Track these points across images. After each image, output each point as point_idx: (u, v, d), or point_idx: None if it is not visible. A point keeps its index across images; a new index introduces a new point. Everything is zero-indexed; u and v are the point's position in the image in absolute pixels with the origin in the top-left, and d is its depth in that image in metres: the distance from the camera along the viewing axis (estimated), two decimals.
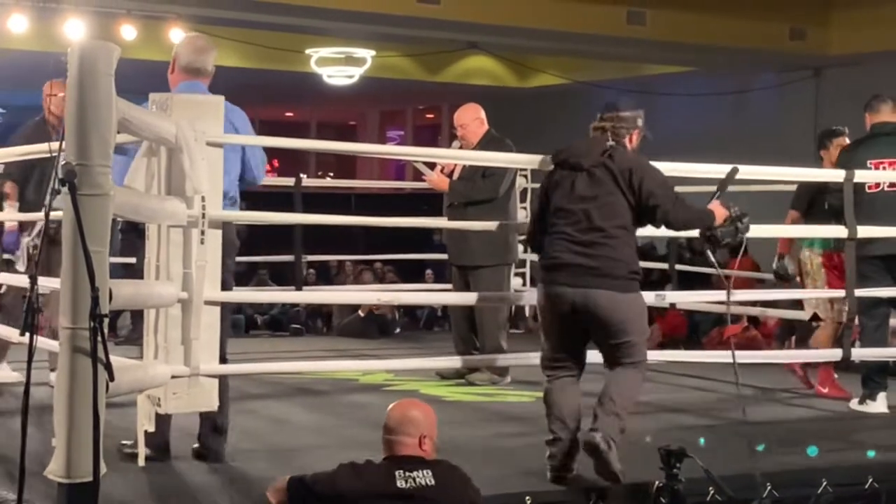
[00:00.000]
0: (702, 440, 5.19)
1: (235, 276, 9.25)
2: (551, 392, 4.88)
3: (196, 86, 4.95)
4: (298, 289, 8.65)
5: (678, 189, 8.60)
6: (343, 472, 3.77)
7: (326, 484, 3.75)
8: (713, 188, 8.57)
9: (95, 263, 3.55)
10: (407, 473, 3.72)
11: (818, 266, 6.86)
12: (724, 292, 6.40)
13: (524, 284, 9.28)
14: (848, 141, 6.96)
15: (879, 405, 6.45)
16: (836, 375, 6.97)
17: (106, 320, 3.60)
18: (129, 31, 11.65)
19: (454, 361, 6.82)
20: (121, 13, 11.71)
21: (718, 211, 5.05)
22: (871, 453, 5.22)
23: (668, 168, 6.14)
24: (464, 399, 6.73)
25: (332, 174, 22.65)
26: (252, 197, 9.73)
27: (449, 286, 8.47)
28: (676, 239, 9.75)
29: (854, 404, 6.56)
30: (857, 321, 6.45)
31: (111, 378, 3.62)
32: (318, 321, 12.85)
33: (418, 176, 14.65)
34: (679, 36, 13.14)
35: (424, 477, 3.73)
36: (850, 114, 13.96)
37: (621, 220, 4.78)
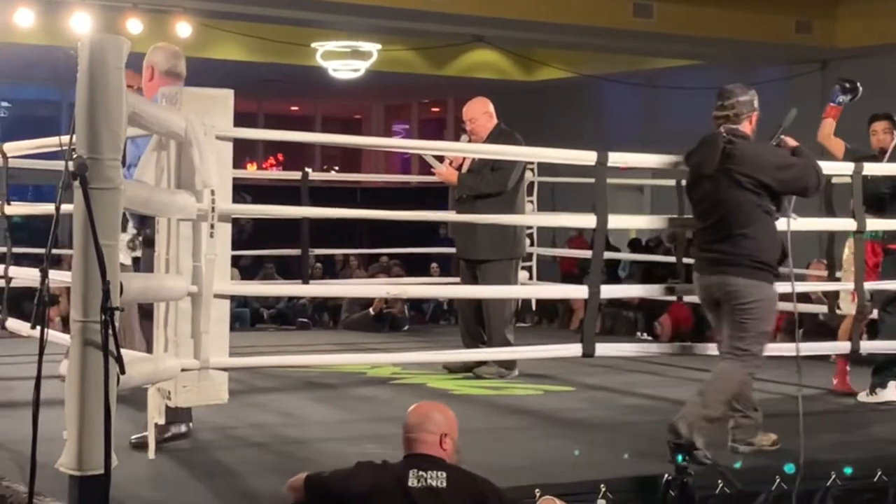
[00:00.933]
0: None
1: (242, 270, 9.23)
2: None
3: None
4: (305, 282, 8.67)
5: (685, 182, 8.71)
6: (360, 470, 3.77)
7: (342, 482, 3.75)
8: None
9: (106, 257, 3.56)
10: (420, 473, 3.70)
11: (849, 257, 6.69)
12: None
13: (530, 278, 9.29)
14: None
15: (890, 393, 6.43)
16: (848, 369, 6.95)
17: (117, 313, 3.61)
18: (135, 25, 11.67)
19: (463, 355, 6.83)
20: (127, 7, 11.73)
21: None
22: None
23: (668, 161, 6.16)
24: (472, 392, 6.73)
25: (336, 168, 22.70)
26: (258, 191, 9.77)
27: (455, 280, 8.48)
28: (683, 233, 9.76)
29: (863, 396, 6.55)
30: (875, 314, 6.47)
31: (122, 371, 3.63)
32: (325, 315, 12.88)
33: (424, 170, 14.66)
34: (685, 29, 13.13)
35: (437, 479, 3.70)
36: (856, 106, 14.02)
37: (753, 217, 4.96)
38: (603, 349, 5.59)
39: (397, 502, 3.66)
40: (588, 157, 5.50)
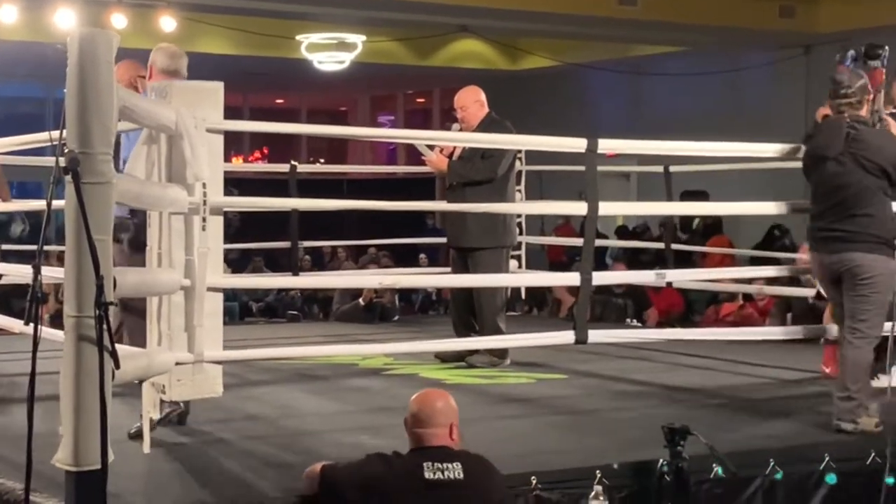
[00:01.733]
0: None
1: (230, 263, 9.21)
2: None
3: None
4: (295, 274, 8.66)
5: (673, 169, 8.75)
6: (372, 462, 3.78)
7: (356, 474, 3.76)
8: (706, 167, 8.63)
9: (99, 251, 3.56)
10: (436, 465, 3.71)
11: None
12: (717, 270, 6.45)
13: (520, 267, 9.30)
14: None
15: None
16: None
17: (111, 308, 3.61)
18: (119, 20, 11.62)
19: (455, 344, 6.84)
20: (111, 1, 11.68)
21: None
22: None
23: (658, 147, 6.18)
24: (464, 382, 6.73)
25: (322, 160, 22.65)
26: (244, 184, 9.76)
27: (443, 269, 8.49)
28: (671, 219, 9.79)
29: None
30: None
31: (117, 366, 3.63)
32: (315, 307, 12.87)
33: (411, 160, 14.61)
34: (669, 16, 13.15)
35: (453, 470, 3.72)
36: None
37: (875, 198, 5.24)
38: (595, 336, 5.60)
39: (416, 496, 3.66)
40: (578, 145, 5.51)
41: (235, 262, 12.75)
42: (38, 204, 6.36)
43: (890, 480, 4.87)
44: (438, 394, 3.95)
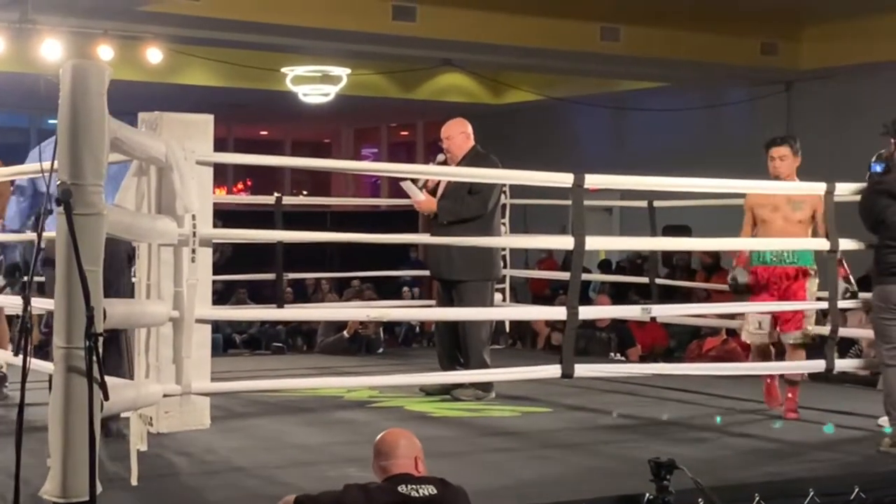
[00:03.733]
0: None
1: (214, 295, 9.24)
2: None
3: None
4: (280, 306, 8.66)
5: (656, 203, 8.79)
6: (350, 491, 3.78)
7: (332, 502, 3.76)
8: (688, 202, 8.68)
9: (90, 282, 3.56)
10: (411, 486, 3.75)
11: None
12: (703, 305, 6.48)
13: (504, 300, 9.32)
14: None
15: None
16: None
17: (100, 340, 3.61)
18: (106, 52, 11.63)
19: (441, 377, 6.84)
20: (97, 33, 11.69)
21: None
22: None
23: (643, 183, 6.23)
24: (450, 415, 6.74)
25: (305, 192, 22.68)
26: (227, 216, 9.73)
27: (428, 302, 8.49)
28: (654, 253, 9.85)
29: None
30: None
31: (106, 397, 3.63)
32: (299, 339, 12.84)
33: (394, 193, 14.61)
34: (652, 51, 13.24)
35: (428, 489, 3.76)
36: (821, 127, 14.22)
37: None
38: (582, 370, 5.62)
39: None
40: (565, 180, 5.54)
41: (219, 294, 12.71)
42: (13, 236, 6.37)
43: None
44: (400, 431, 4.00)
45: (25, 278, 6.38)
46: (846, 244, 6.27)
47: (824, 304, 6.45)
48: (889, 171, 5.94)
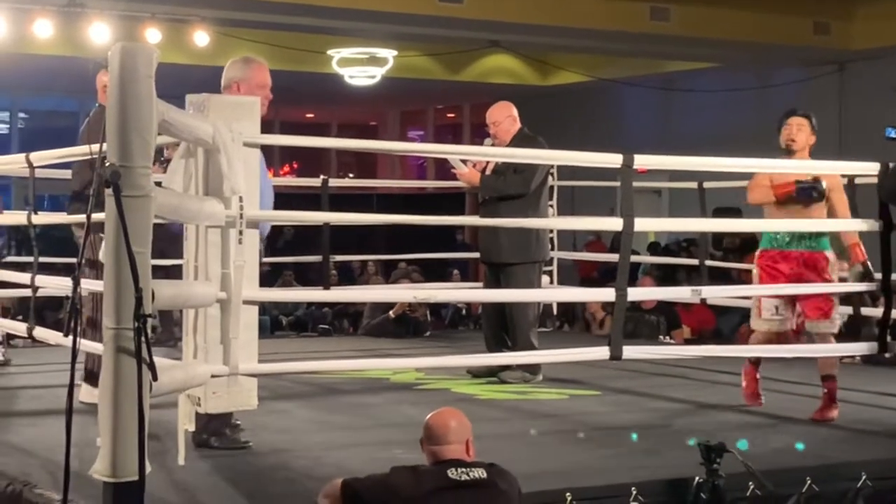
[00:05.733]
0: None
1: (260, 277, 9.29)
2: None
3: None
4: (326, 288, 8.67)
5: (706, 185, 8.70)
6: (398, 474, 3.77)
7: (381, 486, 3.75)
8: (737, 183, 8.58)
9: (139, 264, 3.57)
10: (461, 470, 3.75)
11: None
12: (756, 287, 6.40)
13: (552, 282, 9.28)
14: None
15: None
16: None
17: (150, 320, 3.63)
18: (153, 35, 11.70)
19: (488, 359, 6.82)
20: (145, 16, 11.77)
21: None
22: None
23: (693, 163, 6.16)
24: (497, 397, 6.73)
25: (352, 174, 22.72)
26: (274, 198, 9.77)
27: (474, 285, 8.47)
28: (704, 235, 9.76)
29: None
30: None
31: (155, 378, 3.65)
32: (345, 322, 12.88)
33: (440, 175, 14.59)
34: (702, 31, 13.13)
35: (477, 472, 3.75)
36: (875, 107, 14.01)
37: None
38: (630, 352, 5.57)
39: (444, 496, 3.67)
40: (614, 160, 5.49)
41: (265, 277, 12.77)
42: (22, 218, 6.43)
43: None
44: (451, 412, 3.97)
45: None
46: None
47: (865, 286, 6.32)
48: None
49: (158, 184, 4.22)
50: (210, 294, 4.55)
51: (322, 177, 9.05)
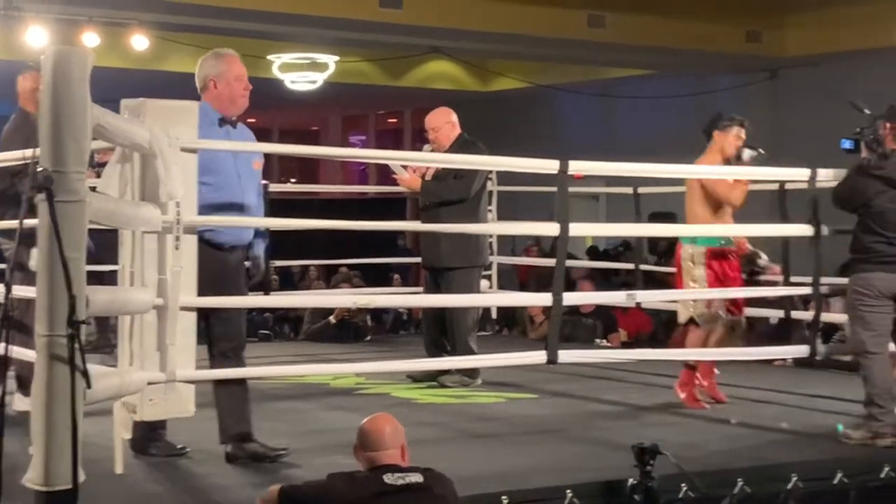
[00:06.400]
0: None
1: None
2: None
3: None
4: (266, 293, 8.63)
5: (641, 190, 8.81)
6: (335, 480, 3.78)
7: (318, 493, 3.76)
8: (672, 188, 8.70)
9: (72, 270, 3.55)
10: (397, 475, 3.75)
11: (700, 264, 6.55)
12: (690, 291, 6.49)
13: (491, 287, 9.33)
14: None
15: None
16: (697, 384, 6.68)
17: (83, 327, 3.60)
18: (91, 39, 11.58)
19: (427, 364, 6.86)
20: (83, 20, 11.64)
21: None
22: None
23: (627, 169, 6.25)
24: (436, 401, 6.76)
25: (294, 179, 22.65)
26: None
27: (415, 290, 8.50)
28: (639, 240, 9.87)
29: None
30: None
31: (88, 385, 3.61)
32: (286, 327, 12.82)
33: (382, 180, 14.59)
34: (639, 39, 13.25)
35: (413, 476, 3.77)
36: (806, 113, 14.24)
37: None
38: (566, 356, 5.63)
39: (381, 500, 3.68)
40: (550, 166, 5.55)
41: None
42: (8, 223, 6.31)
43: None
44: (385, 417, 3.98)
45: None
46: (829, 230, 6.26)
47: (807, 289, 6.45)
48: (859, 151, 5.92)
49: (94, 189, 4.21)
50: (146, 300, 4.53)
51: (263, 181, 9.00)
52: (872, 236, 5.72)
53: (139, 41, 12.21)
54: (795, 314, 7.23)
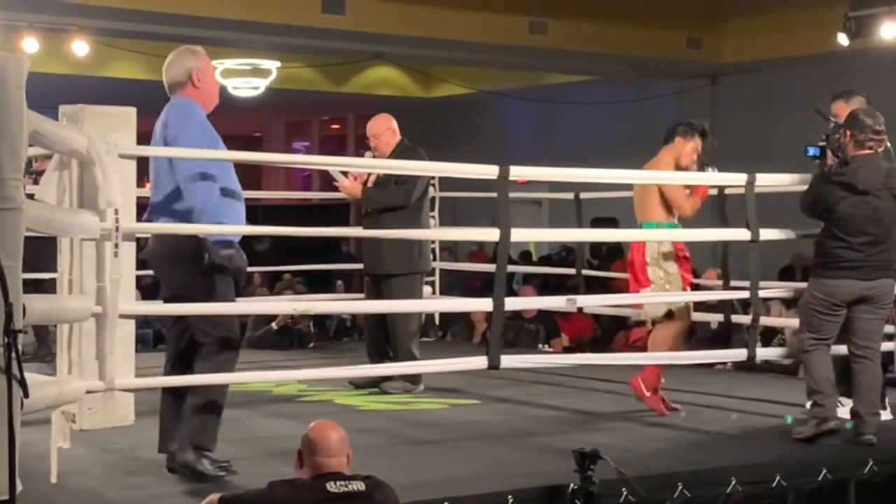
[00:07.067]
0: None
1: (143, 290, 9.01)
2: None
3: (168, 104, 4.97)
4: None
5: (583, 196, 8.88)
6: (276, 488, 3.76)
7: (260, 501, 3.74)
8: (615, 194, 8.80)
9: (9, 278, 3.51)
10: (340, 483, 3.75)
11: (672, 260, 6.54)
12: (630, 296, 6.54)
13: (434, 293, 9.34)
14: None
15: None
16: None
17: (20, 336, 3.56)
18: (31, 44, 11.46)
19: (369, 370, 6.85)
20: (22, 26, 11.51)
21: None
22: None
23: (567, 174, 6.29)
24: (378, 408, 6.76)
25: None
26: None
27: (358, 296, 8.48)
28: (581, 245, 9.94)
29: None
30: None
31: (26, 395, 3.58)
32: None
33: (325, 186, 14.58)
34: (580, 45, 13.35)
35: (355, 484, 3.77)
36: (745, 119, 14.41)
37: None
38: (508, 361, 5.66)
39: None
40: (490, 172, 5.57)
41: (147, 289, 12.60)
42: None
43: None
44: (332, 425, 3.96)
45: None
46: (767, 234, 6.34)
47: (746, 293, 6.52)
48: (825, 158, 6.03)
49: (31, 196, 4.17)
50: (85, 308, 4.49)
51: None
52: (835, 241, 5.80)
53: (80, 47, 12.10)
54: (735, 318, 7.31)
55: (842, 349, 5.95)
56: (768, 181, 6.45)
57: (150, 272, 5.55)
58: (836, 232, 5.80)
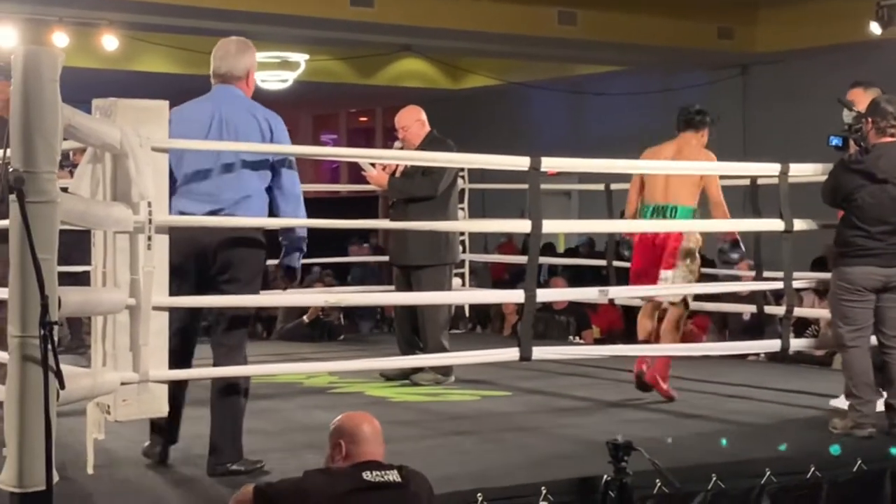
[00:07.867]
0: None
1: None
2: None
3: (224, 89, 5.21)
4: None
5: (614, 186, 8.85)
6: (312, 477, 3.77)
7: (294, 490, 3.74)
8: None
9: (44, 271, 3.54)
10: (376, 472, 3.75)
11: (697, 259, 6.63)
12: (660, 287, 6.52)
13: (463, 284, 9.34)
14: None
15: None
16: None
17: (56, 328, 3.59)
18: (61, 39, 11.53)
19: (400, 362, 6.85)
20: (52, 20, 11.59)
21: None
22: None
23: (598, 165, 6.28)
24: (409, 399, 6.76)
25: None
26: None
27: (387, 288, 8.49)
28: (614, 236, 9.90)
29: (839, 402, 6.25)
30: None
31: (62, 386, 3.61)
32: (259, 326, 12.78)
33: (353, 179, 14.59)
34: (609, 35, 13.30)
35: (391, 474, 3.77)
36: (776, 109, 14.32)
37: None
38: (540, 352, 5.64)
39: (358, 497, 3.68)
40: (521, 163, 5.55)
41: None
42: None
43: None
44: (366, 416, 3.97)
45: None
46: (801, 224, 6.30)
47: (779, 284, 6.50)
48: (847, 147, 5.99)
49: (65, 189, 4.19)
50: (119, 300, 4.51)
51: None
52: (853, 230, 5.77)
53: (109, 41, 12.16)
54: (768, 309, 7.27)
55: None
56: (802, 171, 6.40)
57: None
58: (855, 221, 5.77)
